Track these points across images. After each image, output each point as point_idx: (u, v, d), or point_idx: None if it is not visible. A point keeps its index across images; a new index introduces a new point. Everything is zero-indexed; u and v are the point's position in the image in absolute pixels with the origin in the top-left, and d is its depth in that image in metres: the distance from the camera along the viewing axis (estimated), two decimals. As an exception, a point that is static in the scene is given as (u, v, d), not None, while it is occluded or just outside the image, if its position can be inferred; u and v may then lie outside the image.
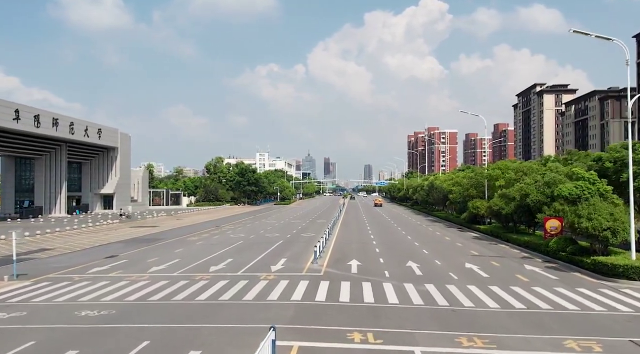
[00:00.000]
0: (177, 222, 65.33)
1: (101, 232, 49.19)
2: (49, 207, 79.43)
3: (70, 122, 77.77)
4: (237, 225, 57.91)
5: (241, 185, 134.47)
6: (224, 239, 40.90)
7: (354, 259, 28.43)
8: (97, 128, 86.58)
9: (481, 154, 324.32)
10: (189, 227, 56.42)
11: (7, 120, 62.57)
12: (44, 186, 78.60)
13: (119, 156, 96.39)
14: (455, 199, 56.99)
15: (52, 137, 74.04)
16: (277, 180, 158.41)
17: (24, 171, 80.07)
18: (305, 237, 41.95)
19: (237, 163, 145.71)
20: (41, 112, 70.27)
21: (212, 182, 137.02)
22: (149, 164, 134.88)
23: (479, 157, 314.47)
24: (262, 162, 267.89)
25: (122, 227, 56.02)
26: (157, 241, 40.69)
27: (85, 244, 38.78)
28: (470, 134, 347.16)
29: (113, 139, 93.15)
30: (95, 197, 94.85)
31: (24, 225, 58.71)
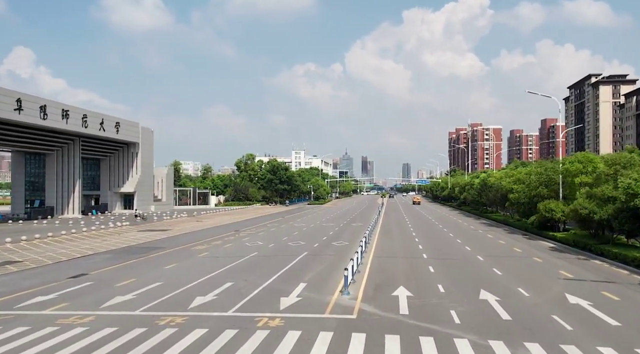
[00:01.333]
0: (195, 224, 58.40)
1: (99, 238, 42.44)
2: (61, 208, 73.92)
3: (83, 115, 71.96)
4: (260, 229, 50.42)
5: (273, 183, 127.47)
6: (235, 250, 33.31)
7: (401, 286, 20.25)
8: (114, 121, 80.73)
9: (527, 151, 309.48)
10: (205, 231, 49.29)
11: (7, 110, 56.81)
12: (55, 185, 73.10)
13: (140, 152, 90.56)
14: (518, 199, 47.88)
15: (61, 130, 68.29)
16: (311, 178, 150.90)
17: (34, 167, 74.84)
18: (337, 248, 33.93)
19: (269, 160, 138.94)
20: (48, 102, 64.50)
21: (242, 180, 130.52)
22: (176, 162, 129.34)
23: (524, 155, 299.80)
24: (298, 160, 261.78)
25: (129, 231, 49.32)
26: (153, 251, 33.43)
27: (65, 255, 31.82)
28: (515, 131, 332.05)
29: (133, 134, 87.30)
30: (115, 197, 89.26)
31: (19, 228, 52.75)
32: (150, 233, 46.98)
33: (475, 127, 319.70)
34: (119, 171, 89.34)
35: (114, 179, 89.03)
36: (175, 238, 42.31)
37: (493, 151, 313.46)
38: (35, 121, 61.75)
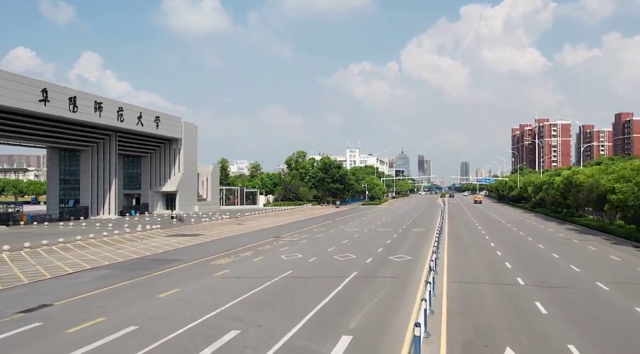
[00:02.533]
0: (233, 228, 52.00)
1: (115, 246, 36.49)
2: (96, 208, 69.54)
3: (119, 108, 67.19)
4: (304, 235, 43.24)
5: (324, 182, 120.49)
6: (265, 265, 26.17)
7: (507, 349, 12.36)
8: (154, 116, 75.82)
9: (598, 148, 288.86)
10: (240, 237, 42.66)
11: (31, 101, 52.22)
12: (90, 183, 68.78)
13: (183, 148, 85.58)
14: (624, 201, 38.43)
15: (94, 124, 63.63)
16: (366, 177, 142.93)
17: (69, 165, 70.90)
18: (396, 266, 26.17)
19: (321, 158, 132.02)
20: (79, 93, 59.84)
21: (293, 179, 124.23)
22: (223, 159, 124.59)
23: (595, 152, 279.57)
24: (353, 159, 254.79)
25: (156, 236, 43.36)
26: (166, 265, 26.79)
27: (55, 269, 25.67)
28: (585, 126, 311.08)
29: (174, 129, 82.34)
30: (156, 196, 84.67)
31: (39, 231, 47.90)
32: (177, 239, 40.76)
33: (542, 122, 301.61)
34: (160, 168, 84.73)
35: (155, 177, 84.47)
36: (202, 246, 35.72)
37: (560, 148, 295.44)
38: (64, 114, 57.12)
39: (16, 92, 50.31)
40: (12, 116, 52.90)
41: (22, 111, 51.89)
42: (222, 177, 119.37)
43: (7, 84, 49.30)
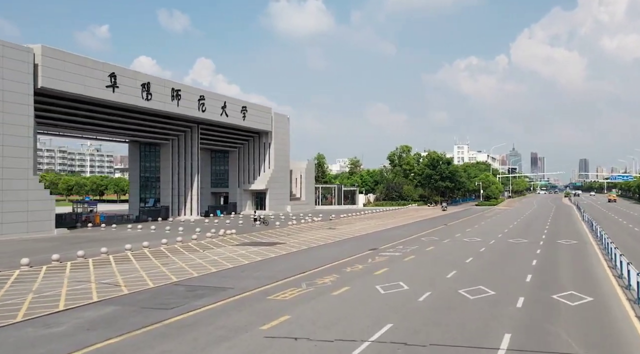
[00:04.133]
0: (323, 235, 42.89)
1: (163, 258, 28.63)
2: (177, 207, 63.69)
3: (200, 96, 60.74)
4: (410, 247, 32.89)
5: (432, 180, 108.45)
6: (344, 312, 16.28)
7: None
8: (240, 106, 68.93)
9: None
10: (327, 248, 33.39)
11: (96, 87, 46.53)
12: (170, 181, 63.05)
13: (273, 142, 78.22)
14: None
15: (171, 114, 57.49)
16: (479, 174, 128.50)
17: (149, 160, 65.78)
18: (572, 315, 15.17)
19: (428, 153, 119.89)
20: (153, 79, 53.81)
21: (396, 176, 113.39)
22: (319, 155, 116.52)
23: None
24: (461, 155, 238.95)
25: (225, 244, 35.28)
26: (198, 300, 17.85)
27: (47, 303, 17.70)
28: None
29: (264, 120, 75.11)
30: (245, 195, 78.01)
31: (106, 234, 41.69)
32: (247, 250, 32.22)
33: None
34: (248, 164, 78.02)
35: (243, 174, 77.88)
36: (271, 264, 26.67)
37: None
38: (136, 102, 51.20)
39: (79, 76, 44.77)
40: (76, 104, 47.59)
41: (86, 98, 46.34)
42: (319, 174, 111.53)
43: (68, 67, 43.81)
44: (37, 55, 41.56)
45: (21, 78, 40.16)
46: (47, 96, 44.39)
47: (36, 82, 41.61)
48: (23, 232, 39.87)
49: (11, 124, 39.31)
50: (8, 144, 39.05)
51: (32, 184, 40.92)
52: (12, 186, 39.24)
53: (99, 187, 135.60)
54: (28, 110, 40.72)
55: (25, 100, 40.49)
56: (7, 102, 39.06)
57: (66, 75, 43.55)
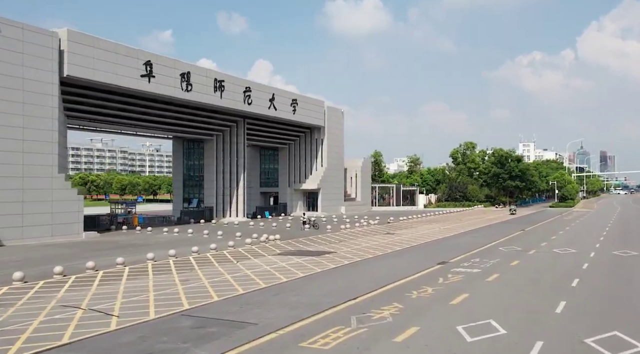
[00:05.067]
0: (380, 241, 37.21)
1: (185, 272, 23.83)
2: (222, 208, 59.47)
3: (246, 87, 56.27)
4: (487, 260, 26.64)
5: (500, 179, 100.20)
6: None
7: None
8: (290, 98, 64.09)
9: None
10: (386, 261, 27.75)
11: (130, 76, 42.70)
12: (214, 179, 58.89)
13: (326, 138, 73.02)
14: None
15: (214, 107, 53.25)
16: (552, 173, 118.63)
17: (193, 158, 61.88)
18: None
19: (493, 151, 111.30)
20: (193, 68, 49.69)
21: (459, 175, 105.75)
22: (376, 152, 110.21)
23: None
24: (527, 154, 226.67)
25: (265, 254, 30.26)
26: (213, 343, 12.66)
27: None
28: None
29: (315, 115, 70.01)
30: (295, 195, 73.14)
31: (137, 239, 37.57)
32: (289, 262, 27.00)
33: None
34: (299, 162, 73.12)
35: (293, 173, 73.05)
36: (317, 282, 21.24)
37: None
38: (173, 93, 47.14)
39: (110, 63, 40.98)
40: (107, 95, 43.89)
41: (118, 88, 42.54)
42: (376, 173, 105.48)
43: (98, 54, 40.05)
44: (62, 41, 37.98)
45: (45, 65, 36.61)
46: (75, 86, 40.84)
47: (62, 70, 38.02)
48: (47, 236, 36.31)
49: (33, 116, 35.81)
50: (30, 138, 35.55)
51: (57, 183, 37.33)
52: (35, 185, 35.72)
53: (151, 186, 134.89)
54: (52, 101, 37.15)
55: (49, 89, 36.92)
56: (29, 91, 35.56)
57: (95, 62, 39.81)
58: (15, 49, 34.75)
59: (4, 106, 34.08)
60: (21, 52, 35.07)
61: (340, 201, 77.03)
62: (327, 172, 72.92)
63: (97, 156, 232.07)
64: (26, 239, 34.95)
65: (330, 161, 73.73)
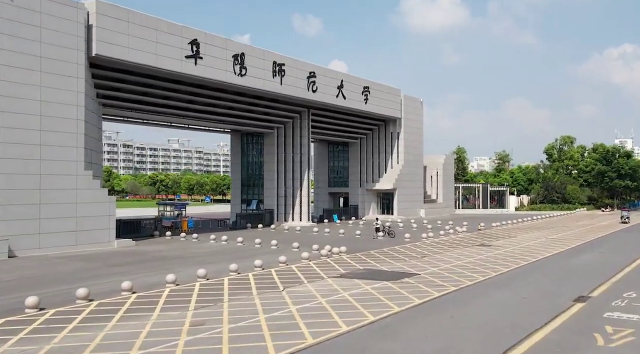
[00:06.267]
0: (477, 257, 29.19)
1: (190, 312, 17.09)
2: (284, 211, 52.95)
3: (310, 72, 49.59)
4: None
5: (605, 178, 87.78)
6: None
7: None
8: (361, 86, 56.73)
9: None
10: (499, 292, 19.96)
11: (174, 57, 36.99)
12: (275, 178, 52.50)
13: (403, 132, 65.05)
14: None
15: (273, 94, 46.78)
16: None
17: (252, 154, 55.77)
18: None
19: (594, 147, 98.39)
20: (249, 49, 43.51)
21: (557, 174, 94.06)
22: (459, 149, 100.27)
23: None
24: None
25: (324, 274, 23.27)
26: None
27: None
28: None
29: (391, 105, 62.26)
30: (368, 196, 65.61)
31: (164, 250, 31.45)
32: (354, 291, 19.74)
33: None
34: (372, 159, 65.55)
35: (366, 171, 65.54)
36: (390, 337, 13.77)
37: None
38: (224, 78, 41.02)
39: (148, 42, 35.33)
40: (145, 80, 38.32)
41: (158, 71, 36.81)
42: (459, 171, 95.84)
43: (134, 30, 34.44)
44: (91, 14, 32.61)
45: (69, 42, 31.32)
46: (109, 69, 35.51)
47: (90, 49, 32.67)
48: (70, 245, 31.00)
49: (54, 103, 30.57)
50: (49, 128, 30.32)
51: (83, 181, 31.97)
52: (55, 184, 30.49)
53: (219, 186, 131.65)
54: (77, 84, 31.82)
55: (74, 71, 31.61)
56: (49, 73, 30.35)
57: (131, 40, 34.24)
58: (32, 21, 29.60)
59: (18, 90, 28.99)
60: (39, 25, 29.89)
61: (419, 203, 68.65)
62: (404, 170, 64.85)
63: (173, 156, 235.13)
64: (44, 249, 29.75)
65: (407, 157, 65.61)
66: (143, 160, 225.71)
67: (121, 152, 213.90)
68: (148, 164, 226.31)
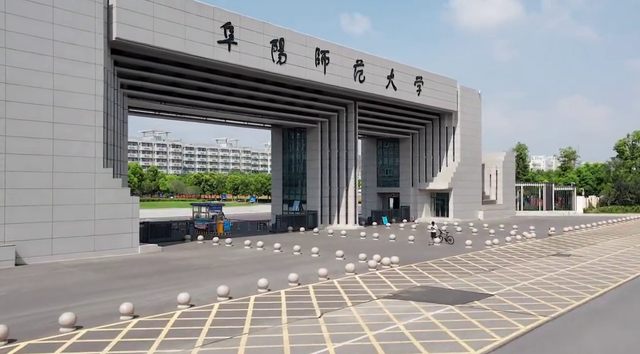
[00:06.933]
0: (559, 271, 24.36)
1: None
2: (329, 212, 48.87)
3: (357, 60, 45.68)
4: None
5: (687, 177, 79.62)
6: None
7: None
8: (413, 75, 52.05)
9: None
10: (603, 328, 15.09)
11: (205, 42, 33.57)
12: (319, 177, 48.47)
13: (459, 126, 59.93)
14: None
15: (315, 84, 42.73)
16: None
17: (293, 151, 51.87)
18: None
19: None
20: (288, 34, 39.64)
21: (630, 172, 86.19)
22: (519, 146, 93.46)
23: None
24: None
25: (372, 293, 19.22)
26: None
27: None
28: None
29: (446, 97, 57.31)
30: (420, 196, 60.76)
31: (189, 258, 27.77)
32: (415, 318, 15.51)
33: None
34: (425, 156, 60.63)
35: (418, 169, 60.67)
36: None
37: None
38: (261, 65, 37.28)
39: (176, 25, 31.92)
40: (173, 68, 34.93)
41: (188, 57, 33.33)
42: (519, 170, 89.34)
43: (159, 11, 31.09)
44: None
45: (85, 24, 28.23)
46: (130, 56, 32.33)
47: (110, 32, 29.52)
48: (87, 251, 27.89)
49: (68, 92, 27.52)
50: (62, 120, 27.27)
51: (102, 180, 28.82)
52: (69, 182, 27.43)
53: (264, 186, 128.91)
54: (95, 71, 28.69)
55: (91, 56, 28.50)
56: (63, 58, 27.31)
57: (156, 23, 30.91)
58: (43, 0, 26.59)
59: (27, 77, 26.05)
60: (51, 5, 26.88)
61: (477, 204, 63.23)
62: (460, 168, 59.64)
63: (221, 156, 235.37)
64: (58, 256, 26.71)
65: (464, 154, 60.35)
66: (192, 160, 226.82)
67: (170, 153, 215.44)
68: (196, 164, 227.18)
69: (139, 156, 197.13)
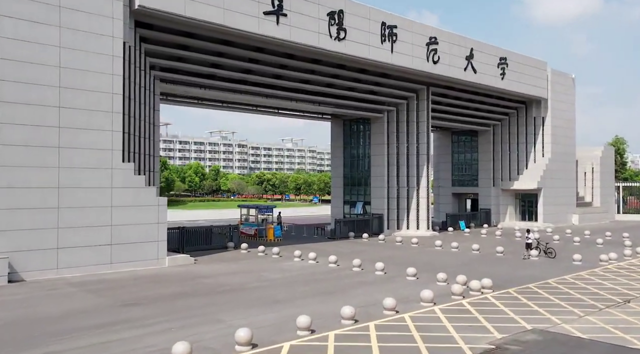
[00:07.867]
0: None
1: None
2: (397, 216, 42.56)
3: (431, 38, 39.43)
4: None
5: None
6: None
7: None
8: (496, 56, 45.06)
9: None
10: None
11: (248, 13, 28.28)
12: (385, 174, 42.23)
13: (550, 116, 52.03)
14: None
15: (381, 65, 36.54)
16: None
17: (355, 145, 45.80)
18: None
19: None
20: (348, 4, 33.69)
21: None
22: (616, 139, 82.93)
23: None
24: None
25: (462, 346, 12.78)
26: None
27: None
28: None
29: (534, 82, 49.71)
30: (503, 197, 53.22)
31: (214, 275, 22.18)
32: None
33: None
34: (509, 151, 52.99)
35: (500, 166, 53.15)
36: None
37: None
38: (316, 42, 31.62)
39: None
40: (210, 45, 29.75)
41: (227, 30, 28.05)
42: (617, 167, 79.04)
43: (191, -24, 26.02)
44: (132, -48, 24.63)
45: (101, -10, 23.52)
46: (160, 29, 27.46)
47: (132, 0, 24.72)
48: (103, 264, 23.17)
49: (79, 70, 22.87)
50: (71, 105, 22.60)
51: (121, 177, 24.02)
52: (79, 180, 22.78)
53: (327, 185, 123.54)
54: (113, 46, 23.93)
55: (108, 28, 23.77)
56: (72, 29, 22.68)
57: (189, -10, 25.85)
58: (47, -41, 22.06)
59: (28, 52, 21.56)
60: (56, -35, 22.30)
61: (571, 207, 54.80)
62: (551, 165, 51.60)
63: (287, 155, 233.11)
64: (65, 270, 22.11)
65: (555, 149, 52.24)
66: (257, 160, 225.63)
67: (236, 152, 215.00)
68: (262, 163, 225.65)
69: (206, 156, 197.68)
